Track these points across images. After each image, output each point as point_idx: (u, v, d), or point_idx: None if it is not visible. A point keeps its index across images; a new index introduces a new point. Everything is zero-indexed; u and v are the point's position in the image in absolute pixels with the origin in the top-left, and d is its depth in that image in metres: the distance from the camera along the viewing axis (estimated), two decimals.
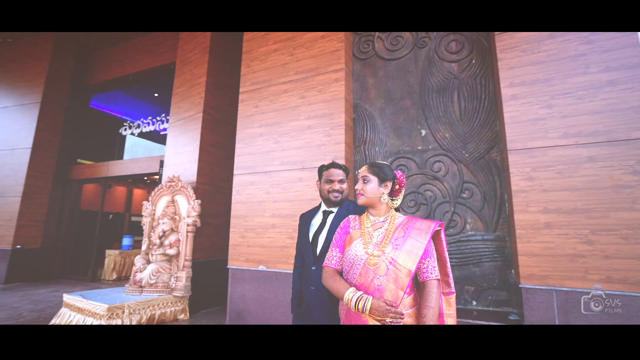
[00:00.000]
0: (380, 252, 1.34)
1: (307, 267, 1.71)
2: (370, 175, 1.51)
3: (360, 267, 1.36)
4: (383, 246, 1.35)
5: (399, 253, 1.32)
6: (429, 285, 1.32)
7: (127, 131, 7.83)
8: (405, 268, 1.30)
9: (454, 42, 3.71)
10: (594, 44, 2.77)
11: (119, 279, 8.08)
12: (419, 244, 1.33)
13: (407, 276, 1.29)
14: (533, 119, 2.88)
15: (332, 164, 1.79)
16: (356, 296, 1.29)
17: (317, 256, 1.67)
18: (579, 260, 2.63)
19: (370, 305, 1.25)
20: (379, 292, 1.29)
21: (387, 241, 1.36)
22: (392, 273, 1.30)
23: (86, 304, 4.00)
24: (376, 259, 1.34)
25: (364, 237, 1.41)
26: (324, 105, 3.89)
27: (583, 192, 2.67)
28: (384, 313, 1.23)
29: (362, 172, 1.55)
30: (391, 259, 1.32)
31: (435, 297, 1.29)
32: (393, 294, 1.29)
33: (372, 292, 1.31)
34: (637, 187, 2.53)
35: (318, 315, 1.60)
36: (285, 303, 3.73)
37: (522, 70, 2.98)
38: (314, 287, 1.62)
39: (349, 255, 1.42)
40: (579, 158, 2.71)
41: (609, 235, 2.57)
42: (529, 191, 2.83)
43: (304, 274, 1.75)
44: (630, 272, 2.49)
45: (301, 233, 1.83)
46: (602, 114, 2.69)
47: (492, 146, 3.39)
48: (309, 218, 1.84)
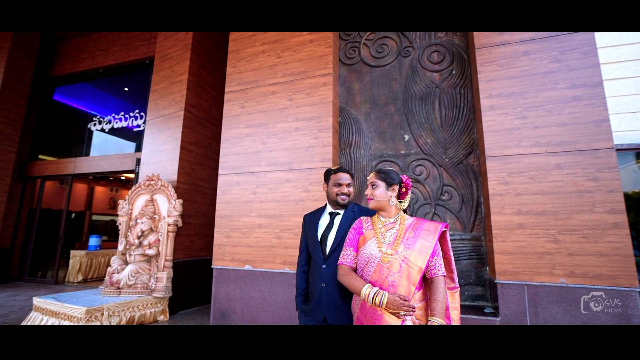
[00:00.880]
0: (394, 251, 1.47)
1: (316, 265, 1.81)
2: (378, 181, 1.63)
3: (375, 265, 1.48)
4: (396, 245, 1.48)
5: (411, 252, 1.45)
6: (437, 281, 1.46)
7: (97, 126, 7.48)
8: (416, 265, 1.43)
9: (436, 52, 3.94)
10: (562, 62, 3.08)
11: (85, 280, 7.72)
12: (428, 244, 1.47)
13: (418, 273, 1.43)
14: (509, 129, 3.15)
15: (340, 168, 1.90)
16: (373, 292, 1.40)
17: (326, 255, 1.77)
18: (547, 258, 2.91)
19: (386, 300, 1.37)
20: (393, 288, 1.42)
21: (399, 241, 1.49)
22: (404, 270, 1.43)
23: (61, 307, 3.84)
24: (390, 257, 1.46)
25: (377, 237, 1.53)
26: (311, 108, 3.98)
27: (551, 196, 2.96)
28: (399, 307, 1.36)
29: (370, 178, 1.67)
30: (404, 257, 1.45)
31: (442, 292, 1.44)
32: (406, 289, 1.42)
33: (386, 287, 1.43)
34: (596, 192, 2.85)
35: (329, 311, 1.70)
36: (271, 302, 3.79)
37: (499, 84, 3.25)
38: (324, 284, 1.72)
39: (364, 253, 1.53)
40: (548, 165, 3.00)
41: (573, 235, 2.87)
42: (504, 195, 3.09)
43: (312, 271, 1.85)
44: (590, 268, 2.81)
45: (308, 233, 1.92)
46: (568, 126, 2.99)
47: (470, 152, 3.64)
48: (315, 219, 1.93)
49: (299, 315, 1.91)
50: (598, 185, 2.86)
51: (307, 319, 1.82)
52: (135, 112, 7.04)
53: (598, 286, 2.78)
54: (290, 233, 3.83)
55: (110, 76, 7.63)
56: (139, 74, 7.17)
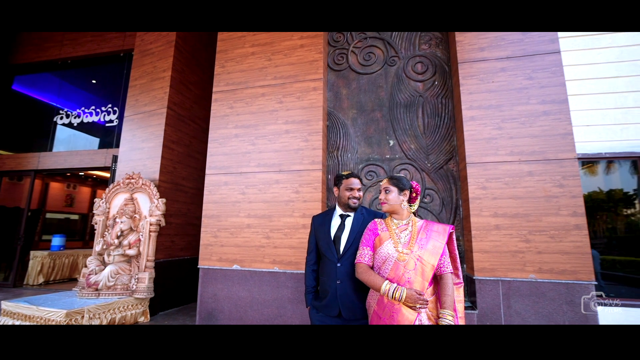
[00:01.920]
0: (409, 251, 1.63)
1: (329, 264, 1.93)
2: (391, 186, 1.79)
3: (392, 263, 1.64)
4: (411, 245, 1.64)
5: (424, 251, 1.62)
6: (446, 277, 1.65)
7: (64, 120, 7.09)
8: (429, 263, 1.61)
9: (420, 63, 4.19)
10: (534, 80, 3.42)
11: (46, 283, 7.29)
12: (438, 244, 1.65)
13: (431, 270, 1.61)
14: (487, 138, 3.45)
15: (352, 173, 2.04)
16: (392, 287, 1.56)
17: (340, 254, 1.91)
18: (519, 256, 3.24)
19: (405, 295, 1.53)
20: (409, 284, 1.58)
21: (413, 241, 1.66)
22: (419, 268, 1.60)
23: (36, 310, 3.68)
24: (405, 256, 1.62)
25: (393, 238, 1.69)
26: (302, 111, 4.09)
27: (523, 200, 3.29)
28: (415, 301, 1.53)
29: (383, 184, 1.83)
30: (418, 257, 1.61)
31: (451, 287, 1.62)
32: (420, 285, 1.58)
33: (403, 283, 1.59)
34: (562, 197, 3.21)
35: (344, 306, 1.84)
36: (260, 301, 3.86)
37: (479, 96, 3.54)
38: (339, 281, 1.85)
39: (381, 253, 1.68)
40: (521, 172, 3.33)
41: (541, 235, 3.21)
42: (483, 198, 3.38)
43: (324, 270, 1.97)
44: (555, 264, 3.16)
45: (319, 234, 2.04)
46: (538, 137, 3.34)
47: (450, 158, 3.93)
48: (326, 221, 2.06)
49: (309, 312, 2.03)
50: (563, 191, 3.22)
51: (319, 315, 1.94)
52: (107, 107, 6.76)
53: (562, 280, 3.13)
54: (279, 233, 3.92)
55: (79, 67, 7.25)
56: (113, 67, 6.88)
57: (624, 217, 4.18)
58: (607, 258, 3.89)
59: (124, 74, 6.67)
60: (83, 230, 12.01)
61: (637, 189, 4.03)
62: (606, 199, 4.15)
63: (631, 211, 4.14)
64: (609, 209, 4.17)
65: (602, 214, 4.05)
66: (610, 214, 4.16)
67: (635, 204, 4.08)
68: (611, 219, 4.18)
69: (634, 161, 3.99)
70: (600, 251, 3.80)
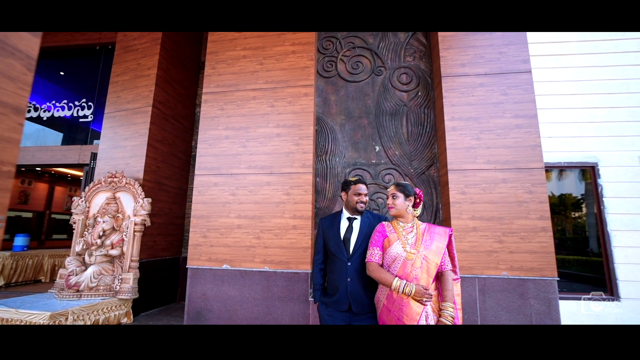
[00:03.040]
0: (416, 251, 1.84)
1: (339, 263, 2.10)
2: (398, 193, 1.99)
3: (400, 262, 1.83)
4: (417, 246, 1.85)
5: (429, 251, 1.83)
6: (446, 274, 1.87)
7: (32, 113, 6.73)
8: (433, 262, 1.82)
9: (405, 74, 4.46)
10: (508, 96, 3.78)
11: (7, 285, 6.88)
12: (440, 245, 1.87)
13: (435, 268, 1.82)
14: (467, 147, 3.76)
15: (359, 180, 2.21)
16: (403, 284, 1.75)
17: (350, 254, 2.08)
18: (493, 255, 3.57)
19: (414, 290, 1.73)
20: (416, 280, 1.79)
21: (419, 242, 1.86)
22: (424, 266, 1.81)
23: (15, 313, 3.55)
24: (413, 256, 1.82)
25: (401, 240, 1.89)
26: (293, 116, 4.22)
27: (498, 204, 3.63)
28: (422, 295, 1.73)
29: (390, 190, 2.02)
30: (424, 256, 1.82)
31: (451, 282, 1.84)
32: (425, 281, 1.79)
33: (411, 280, 1.79)
34: (531, 203, 3.58)
35: (354, 301, 2.01)
36: (250, 299, 3.95)
37: (460, 109, 3.85)
38: (350, 279, 2.02)
39: (391, 253, 1.87)
40: (496, 180, 3.66)
41: (513, 236, 3.57)
42: (462, 202, 3.69)
43: (334, 268, 2.13)
44: (524, 262, 3.52)
45: (328, 235, 2.20)
46: (511, 148, 3.69)
47: (431, 164, 4.22)
48: (334, 223, 2.22)
49: (318, 307, 2.18)
50: (532, 197, 3.59)
51: (329, 310, 2.10)
52: (82, 102, 6.50)
53: (530, 277, 3.50)
54: (270, 234, 4.02)
55: (49, 59, 6.90)
56: (88, 61, 6.63)
57: (572, 220, 4.69)
58: (558, 257, 4.36)
59: (100, 68, 6.45)
60: (38, 229, 11.29)
61: (584, 194, 4.56)
62: (558, 203, 4.64)
63: (579, 214, 4.66)
64: (559, 212, 4.67)
65: (554, 217, 4.51)
66: (560, 216, 4.66)
67: (582, 208, 4.60)
68: (561, 221, 4.68)
69: (582, 170, 4.50)
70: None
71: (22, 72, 0.90)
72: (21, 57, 0.88)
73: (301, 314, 3.80)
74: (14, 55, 0.87)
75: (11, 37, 0.86)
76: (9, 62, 0.87)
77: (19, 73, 0.89)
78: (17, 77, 0.89)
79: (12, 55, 0.87)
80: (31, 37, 0.91)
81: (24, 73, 0.90)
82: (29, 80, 0.91)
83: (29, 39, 0.89)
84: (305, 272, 3.86)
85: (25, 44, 0.88)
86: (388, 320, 1.80)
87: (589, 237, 4.56)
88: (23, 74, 0.90)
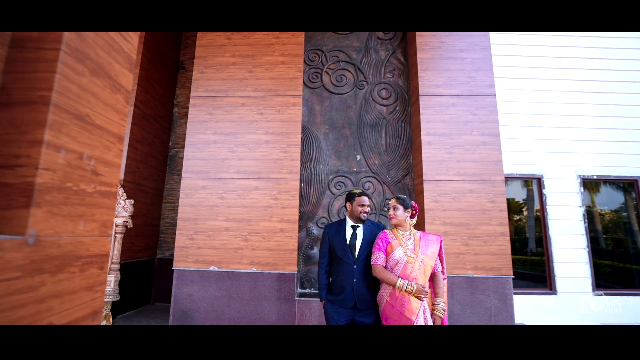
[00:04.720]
0: (415, 255, 2.17)
1: (345, 266, 2.37)
2: (398, 205, 2.31)
3: (402, 264, 2.15)
4: (416, 251, 2.18)
5: (425, 256, 2.17)
6: (438, 274, 2.22)
7: None
8: (429, 264, 2.16)
9: (385, 90, 4.84)
10: (476, 115, 4.28)
11: None
12: (434, 250, 2.22)
13: (430, 269, 2.16)
14: (440, 160, 4.21)
15: (363, 192, 2.50)
16: (406, 283, 2.07)
17: (356, 258, 2.37)
18: (461, 256, 4.05)
19: (415, 288, 2.06)
20: (416, 280, 2.12)
21: (417, 248, 2.19)
22: (422, 268, 2.14)
23: None
24: (412, 259, 2.15)
25: (402, 246, 2.21)
26: (281, 124, 4.43)
27: (465, 212, 4.11)
28: (420, 292, 2.06)
29: (392, 202, 2.34)
30: (422, 260, 2.16)
31: (442, 281, 2.20)
32: (423, 281, 2.13)
33: (411, 280, 2.11)
34: (493, 211, 4.11)
35: (359, 299, 2.30)
36: (237, 300, 4.10)
37: (435, 125, 4.29)
38: (355, 280, 2.31)
39: (394, 257, 2.19)
40: (464, 190, 4.15)
41: (477, 240, 4.07)
42: (435, 210, 4.13)
43: (340, 270, 2.40)
44: (486, 263, 4.03)
45: (335, 240, 2.47)
46: (478, 162, 4.20)
47: (406, 174, 4.64)
48: (340, 230, 2.50)
49: (324, 305, 2.44)
50: (494, 206, 4.12)
51: (335, 307, 2.37)
52: None
53: (490, 275, 4.02)
54: (258, 236, 4.20)
55: None
56: None
57: (514, 222, 5.37)
58: None
59: None
60: None
61: (525, 199, 5.26)
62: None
63: (519, 217, 5.36)
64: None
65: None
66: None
67: (523, 212, 5.31)
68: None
69: (525, 180, 5.20)
70: None
71: (123, 105, 1.08)
72: (124, 92, 1.07)
73: (287, 312, 4.03)
74: (120, 90, 1.06)
75: (120, 75, 1.03)
76: (117, 97, 1.06)
77: (122, 106, 1.08)
78: (121, 109, 1.07)
79: (118, 91, 1.06)
80: (129, 72, 1.09)
81: (124, 106, 1.08)
82: (127, 112, 1.09)
83: (128, 75, 1.08)
84: (291, 273, 4.09)
85: (126, 80, 1.07)
86: (391, 315, 2.11)
87: (528, 239, 5.27)
88: (123, 107, 1.08)
